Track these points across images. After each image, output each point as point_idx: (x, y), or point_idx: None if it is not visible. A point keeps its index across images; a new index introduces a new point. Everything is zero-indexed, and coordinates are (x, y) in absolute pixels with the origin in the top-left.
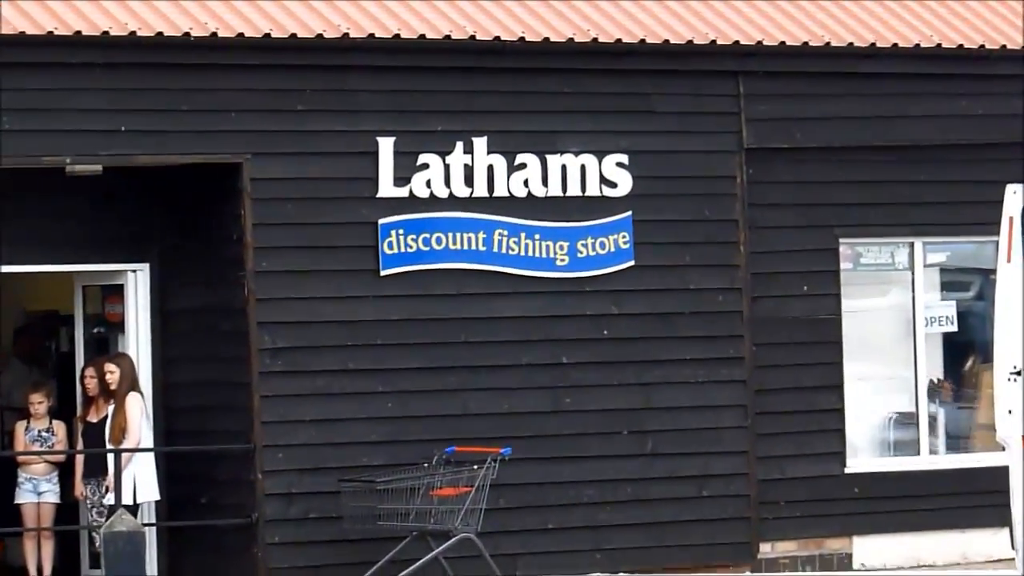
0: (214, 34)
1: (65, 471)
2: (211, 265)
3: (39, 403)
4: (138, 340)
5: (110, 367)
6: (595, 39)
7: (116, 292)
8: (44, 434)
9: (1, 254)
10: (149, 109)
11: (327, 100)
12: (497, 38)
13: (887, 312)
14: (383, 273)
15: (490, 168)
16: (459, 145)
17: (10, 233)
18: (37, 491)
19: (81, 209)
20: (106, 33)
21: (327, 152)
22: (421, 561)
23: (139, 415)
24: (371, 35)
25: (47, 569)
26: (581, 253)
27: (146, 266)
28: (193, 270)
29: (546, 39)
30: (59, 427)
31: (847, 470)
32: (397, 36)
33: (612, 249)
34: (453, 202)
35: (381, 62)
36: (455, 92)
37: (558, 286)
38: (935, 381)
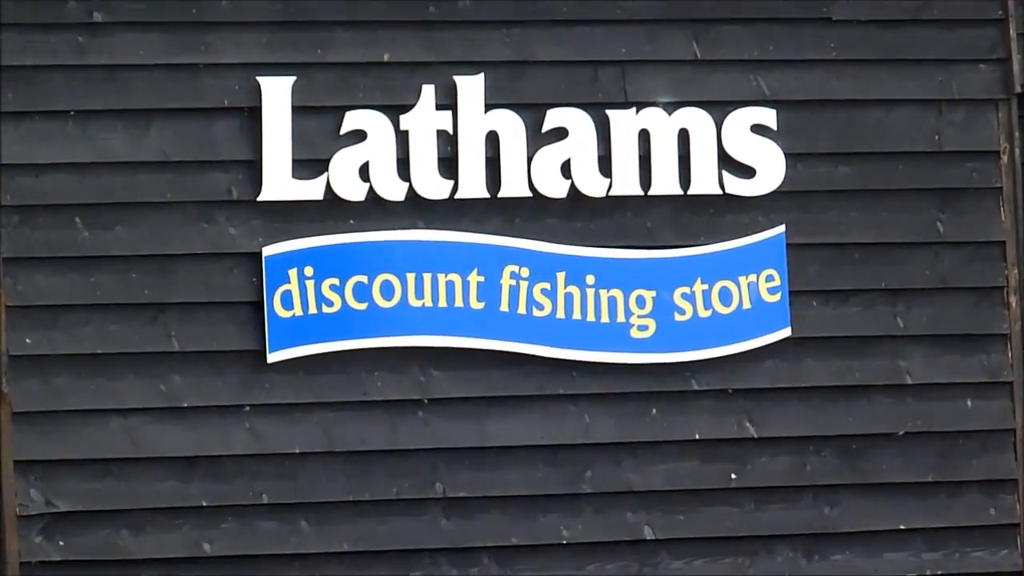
0: None
1: None
2: None
3: None
4: None
5: None
6: None
7: None
8: None
9: None
10: None
11: (153, 3)
12: None
13: None
14: (273, 358)
15: (492, 139)
16: (428, 92)
17: None
18: None
19: None
20: None
21: (152, 109)
22: None
23: None
24: None
25: None
26: (682, 314)
27: None
28: None
29: None
30: None
31: None
32: None
33: (746, 304)
34: (416, 209)
35: None
36: None
37: (634, 382)
38: None
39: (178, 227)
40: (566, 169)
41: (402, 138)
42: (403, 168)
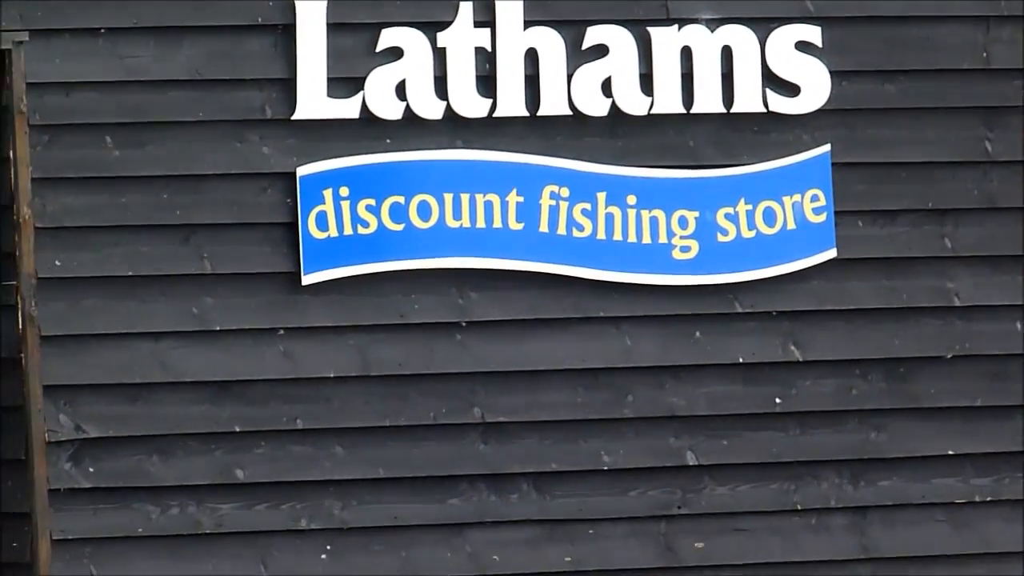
0: None
1: None
2: None
3: None
4: None
5: None
6: None
7: None
8: None
9: None
10: None
11: None
12: None
13: None
14: (307, 280)
15: (531, 55)
16: (465, 8)
17: None
18: None
19: None
20: None
21: (183, 26)
22: None
23: None
24: None
25: None
26: (725, 235)
27: None
28: None
29: None
30: None
31: None
32: None
33: (790, 225)
34: (454, 128)
35: None
36: None
37: (676, 304)
38: None
39: (210, 146)
40: (607, 87)
41: (439, 55)
42: (440, 86)
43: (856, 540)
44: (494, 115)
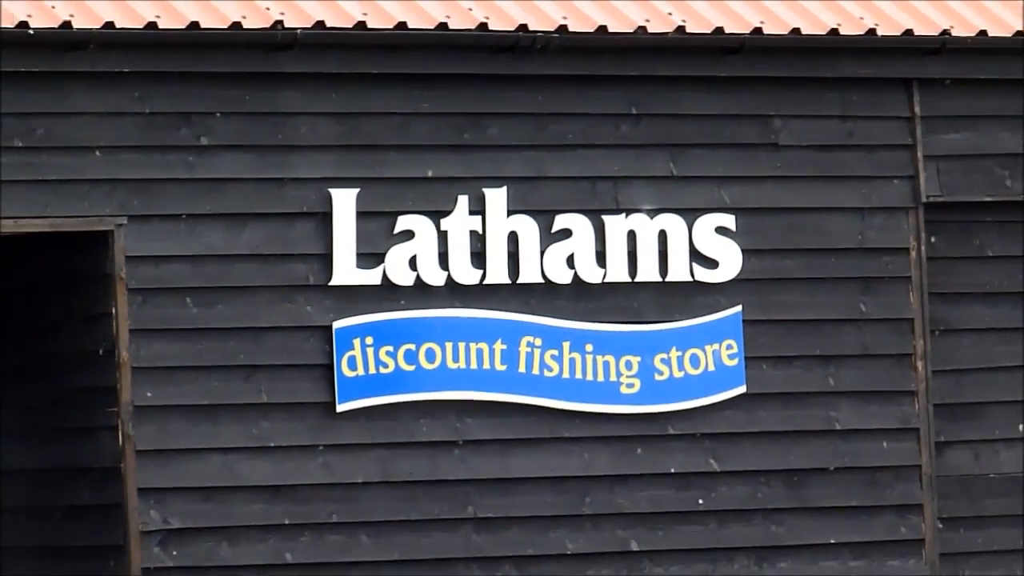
0: (66, 24)
1: None
2: (57, 399)
3: None
4: None
5: None
6: (681, 27)
7: None
8: None
9: None
10: None
11: (246, 129)
12: (523, 27)
13: None
14: (341, 408)
15: (513, 237)
16: (462, 201)
17: None
18: None
19: None
20: None
21: (246, 213)
22: None
23: None
24: (320, 23)
25: None
26: (660, 374)
27: None
28: (29, 405)
29: (601, 28)
30: None
31: None
32: (362, 25)
33: (711, 367)
34: (453, 292)
35: (335, 67)
36: (456, 115)
37: (623, 427)
38: None
39: (267, 306)
40: (570, 261)
41: (442, 237)
42: (443, 260)
43: None
44: (484, 282)
